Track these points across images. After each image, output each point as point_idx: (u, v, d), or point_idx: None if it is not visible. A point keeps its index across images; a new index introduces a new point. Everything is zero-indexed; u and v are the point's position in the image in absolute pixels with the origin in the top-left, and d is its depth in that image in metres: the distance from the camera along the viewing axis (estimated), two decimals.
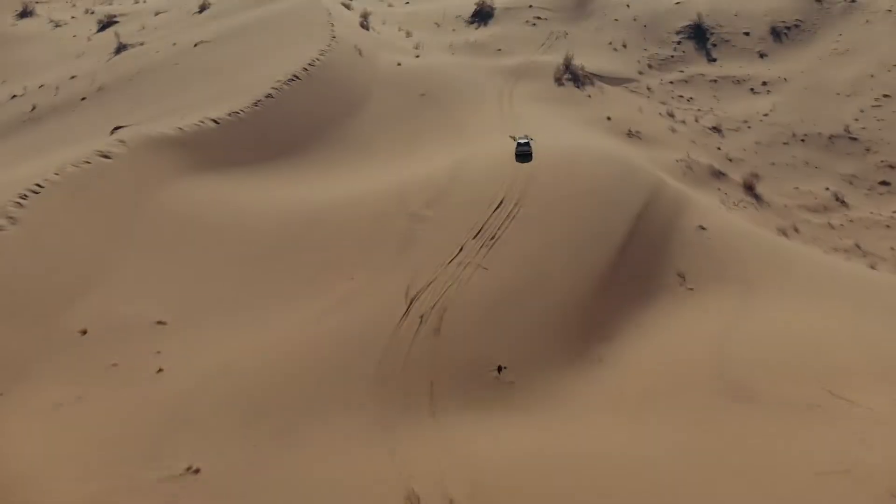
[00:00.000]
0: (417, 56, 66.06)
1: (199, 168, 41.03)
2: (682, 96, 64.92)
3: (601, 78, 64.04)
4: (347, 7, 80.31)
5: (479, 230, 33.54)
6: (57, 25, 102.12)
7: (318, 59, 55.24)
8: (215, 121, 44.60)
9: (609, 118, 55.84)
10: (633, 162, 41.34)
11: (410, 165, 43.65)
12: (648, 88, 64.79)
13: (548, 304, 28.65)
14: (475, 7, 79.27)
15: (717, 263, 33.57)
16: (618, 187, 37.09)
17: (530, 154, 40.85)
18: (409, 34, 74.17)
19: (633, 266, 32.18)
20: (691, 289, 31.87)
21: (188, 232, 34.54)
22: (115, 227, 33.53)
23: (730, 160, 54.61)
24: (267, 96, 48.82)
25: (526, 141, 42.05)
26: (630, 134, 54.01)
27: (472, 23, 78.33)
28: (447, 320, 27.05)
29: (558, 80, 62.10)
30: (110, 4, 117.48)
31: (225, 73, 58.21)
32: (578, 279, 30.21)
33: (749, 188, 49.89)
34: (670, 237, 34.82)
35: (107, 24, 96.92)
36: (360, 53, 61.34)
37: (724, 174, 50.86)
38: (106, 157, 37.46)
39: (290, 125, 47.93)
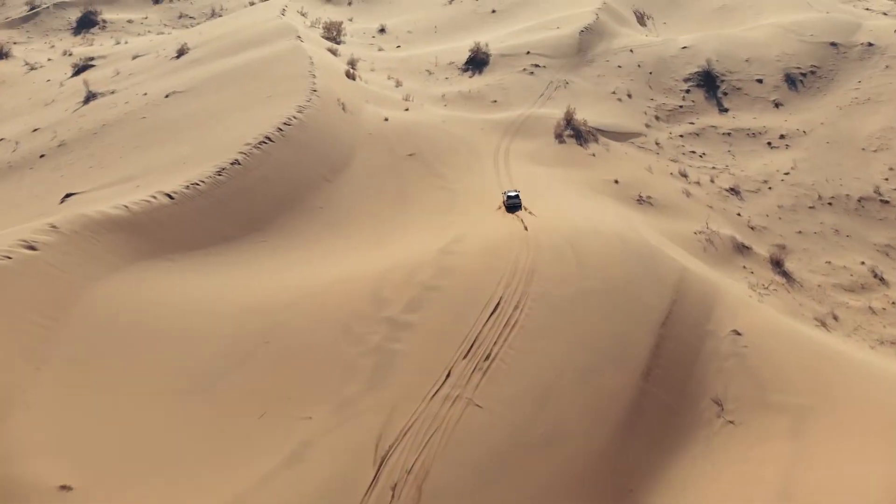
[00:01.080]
0: (407, 109, 60.86)
1: (147, 256, 35.29)
2: (693, 152, 59.63)
3: (605, 133, 58.78)
4: (334, 53, 75.51)
5: (472, 345, 27.70)
6: (32, 68, 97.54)
7: (294, 118, 49.87)
8: (170, 195, 38.94)
9: (616, 181, 50.38)
10: (651, 246, 35.65)
11: (393, 247, 37.99)
12: (657, 143, 59.51)
13: (558, 460, 22.73)
14: (469, 54, 74.36)
15: (758, 384, 27.71)
16: (637, 283, 31.34)
17: (519, 205, 42.21)
18: (398, 83, 69.15)
19: (659, 394, 26.32)
20: (731, 422, 25.96)
21: (124, 346, 28.69)
22: (31, 341, 27.65)
23: (752, 228, 49.05)
24: (233, 163, 43.27)
25: (515, 194, 43.00)
26: (641, 200, 48.51)
27: (465, 70, 73.42)
28: (428, 492, 21.08)
29: (559, 137, 56.80)
30: (90, 45, 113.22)
31: (192, 130, 52.87)
32: (596, 418, 24.31)
33: (777, 264, 44.25)
34: (701, 350, 29.01)
35: (82, 68, 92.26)
36: (344, 108, 56.10)
37: (747, 247, 45.21)
38: (31, 248, 31.71)
39: (258, 196, 42.35)
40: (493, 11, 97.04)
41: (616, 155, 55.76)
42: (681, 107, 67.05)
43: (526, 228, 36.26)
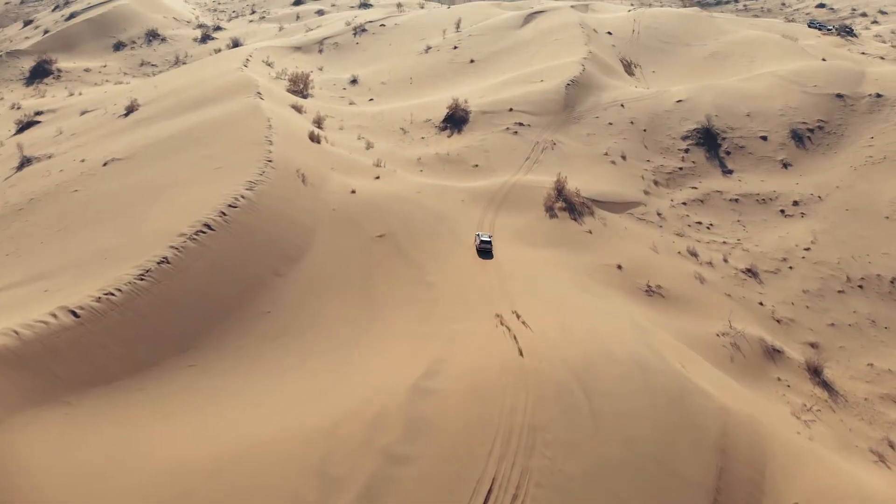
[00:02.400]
0: (378, 177, 53.77)
1: (37, 400, 27.45)
2: (700, 223, 53.03)
3: (601, 204, 52.04)
4: (298, 110, 68.57)
5: None
6: None
7: (242, 197, 42.50)
8: (74, 312, 31.15)
9: (620, 266, 43.40)
10: (678, 377, 28.37)
11: (353, 377, 30.38)
12: (659, 214, 52.84)
13: None
14: (447, 111, 67.81)
15: None
16: (671, 447, 24.00)
17: (490, 251, 43.58)
18: (369, 145, 62.22)
19: None
20: None
21: None
22: None
23: (778, 322, 42.17)
24: (161, 262, 35.61)
25: (488, 239, 44.16)
26: (650, 290, 41.52)
27: (443, 129, 66.77)
28: None
29: (550, 210, 49.92)
30: (42, 97, 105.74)
31: (124, 211, 45.27)
32: None
33: (815, 372, 37.23)
34: None
35: (27, 124, 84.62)
36: (304, 180, 48.88)
37: (779, 351, 38.21)
38: None
39: (189, 304, 34.68)
40: (472, 61, 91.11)
41: (615, 231, 48.90)
42: (680, 169, 60.73)
43: (521, 353, 28.87)
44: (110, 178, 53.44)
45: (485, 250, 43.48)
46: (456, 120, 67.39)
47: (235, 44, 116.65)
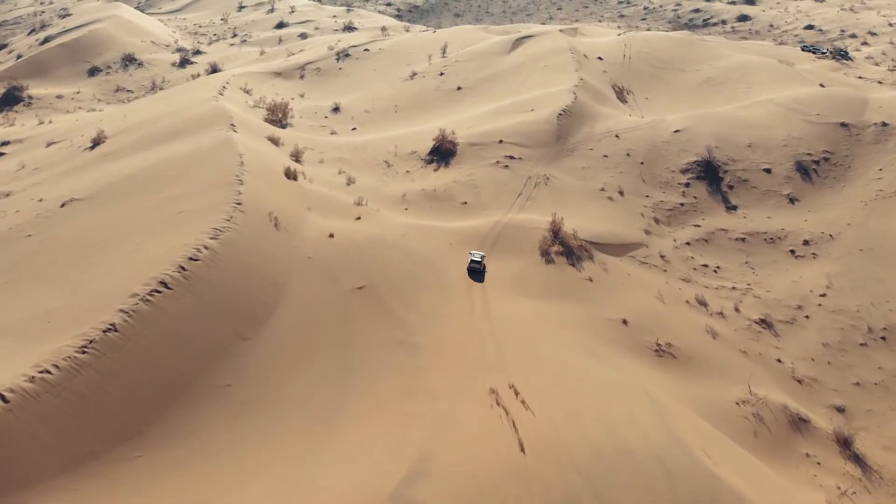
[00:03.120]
0: (359, 218, 49.71)
1: None
2: (706, 266, 49.30)
3: (600, 246, 48.20)
4: (275, 143, 64.52)
5: None
6: None
7: (205, 248, 38.26)
8: (3, 396, 26.70)
9: (625, 321, 39.42)
10: (705, 475, 24.27)
11: (322, 475, 26.01)
12: (662, 257, 49.07)
13: None
14: (433, 143, 64.03)
15: None
16: None
17: (480, 271, 43.41)
18: (351, 180, 58.21)
19: None
20: None
21: None
22: None
23: (799, 382, 38.33)
24: (108, 329, 31.23)
25: (479, 259, 43.75)
26: (660, 350, 37.58)
27: (430, 162, 62.90)
28: None
29: (546, 255, 46.01)
30: (11, 126, 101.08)
31: (76, 263, 40.89)
32: None
33: (845, 444, 33.33)
34: None
35: None
36: (277, 224, 44.74)
37: (805, 420, 34.31)
38: None
39: (138, 379, 30.31)
40: (459, 88, 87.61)
41: (617, 277, 45.02)
42: (682, 205, 57.13)
43: (522, 448, 24.67)
44: (67, 221, 49.05)
45: (474, 270, 43.41)
46: (443, 152, 63.59)
47: (214, 69, 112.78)
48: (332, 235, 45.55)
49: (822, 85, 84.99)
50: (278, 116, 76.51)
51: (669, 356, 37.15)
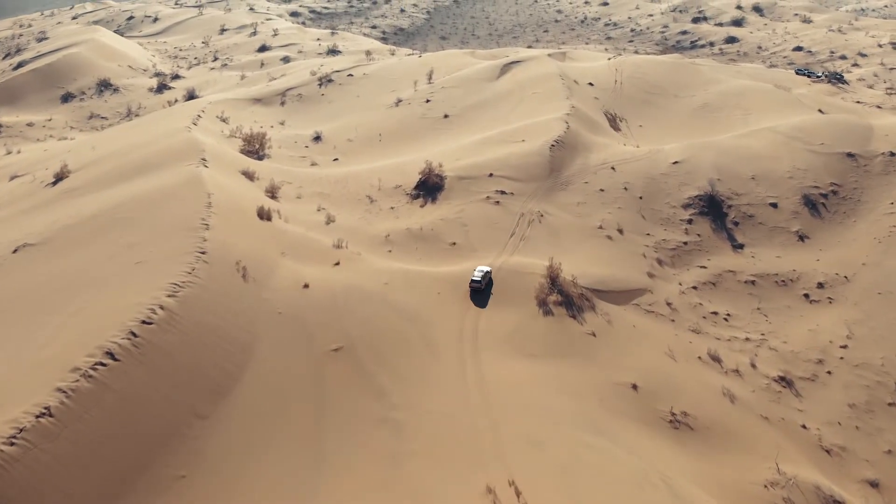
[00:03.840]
0: (338, 263, 45.59)
1: None
2: (716, 313, 45.48)
3: (602, 294, 44.28)
4: (250, 177, 60.37)
5: None
6: None
7: (160, 309, 33.86)
8: None
9: (635, 386, 35.35)
10: None
11: None
12: (669, 304, 45.20)
13: None
14: (419, 177, 60.13)
15: None
16: None
17: (481, 290, 41.80)
18: (330, 219, 54.12)
19: None
20: None
21: None
22: None
23: (828, 452, 34.40)
24: (41, 415, 26.74)
25: (479, 278, 42.06)
26: (675, 420, 33.54)
27: (416, 197, 58.96)
28: None
29: (543, 305, 42.02)
30: None
31: (20, 324, 36.35)
32: None
33: None
34: None
35: None
36: (245, 275, 40.51)
37: (840, 503, 30.13)
38: None
39: (77, 474, 25.79)
40: (446, 116, 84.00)
41: (622, 330, 41.04)
42: (685, 243, 53.44)
43: None
44: (16, 271, 44.52)
45: (477, 290, 41.95)
46: (429, 187, 59.69)
47: (191, 96, 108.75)
48: (306, 286, 41.37)
49: (820, 111, 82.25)
50: (255, 147, 72.44)
51: (686, 427, 33.10)
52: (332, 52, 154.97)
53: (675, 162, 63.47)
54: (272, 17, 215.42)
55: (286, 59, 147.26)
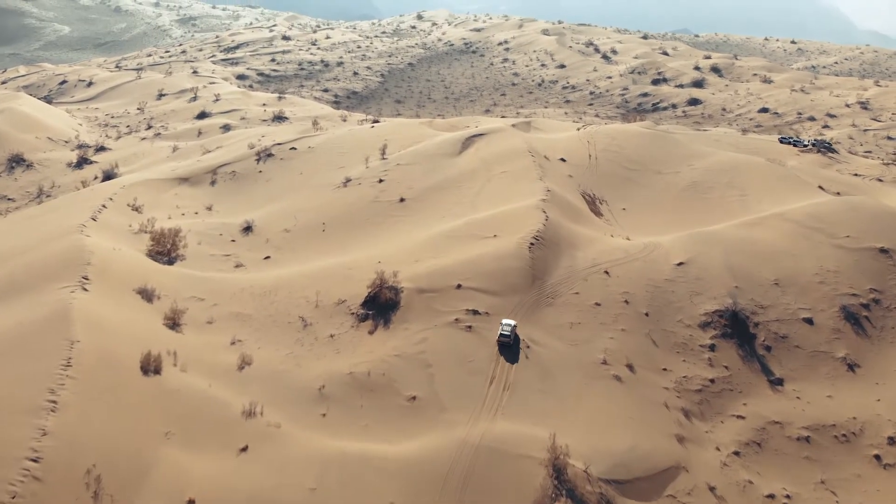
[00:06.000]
0: (245, 448, 32.06)
1: None
2: (772, 497, 33.11)
3: (626, 486, 31.69)
4: (148, 298, 46.79)
5: None
6: None
7: None
8: None
9: None
10: None
11: None
12: (712, 490, 32.93)
13: None
14: (368, 291, 47.32)
15: None
16: None
17: (510, 344, 40.40)
18: (245, 362, 40.73)
19: None
20: None
21: None
22: None
23: None
24: None
25: (507, 332, 40.58)
26: None
27: (363, 319, 46.04)
28: None
29: None
30: None
31: None
32: None
33: None
34: None
35: None
36: (97, 496, 26.65)
37: None
38: None
39: None
40: (402, 200, 71.81)
41: None
42: (712, 381, 41.61)
43: None
44: None
45: (504, 345, 40.82)
46: (381, 304, 46.88)
47: (107, 176, 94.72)
48: (191, 502, 27.64)
49: (821, 187, 73.08)
50: (166, 247, 58.81)
51: None
52: (279, 118, 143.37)
53: (680, 263, 52.14)
54: (216, 80, 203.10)
55: (226, 128, 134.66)
